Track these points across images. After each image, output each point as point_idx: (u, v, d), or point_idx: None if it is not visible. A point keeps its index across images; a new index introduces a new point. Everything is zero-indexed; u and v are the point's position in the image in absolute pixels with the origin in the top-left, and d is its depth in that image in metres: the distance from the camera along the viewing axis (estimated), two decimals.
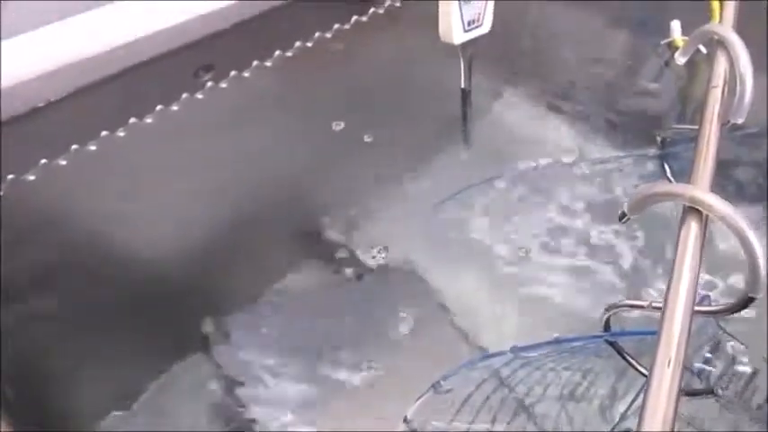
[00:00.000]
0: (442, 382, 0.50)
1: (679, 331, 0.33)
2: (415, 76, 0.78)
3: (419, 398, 0.49)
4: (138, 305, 0.59)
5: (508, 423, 0.48)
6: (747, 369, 0.52)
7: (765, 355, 0.53)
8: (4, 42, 0.62)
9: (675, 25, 0.76)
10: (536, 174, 0.67)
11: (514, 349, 0.50)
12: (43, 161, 0.65)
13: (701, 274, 0.40)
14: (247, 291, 0.60)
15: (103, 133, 0.68)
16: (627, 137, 0.71)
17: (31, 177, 0.64)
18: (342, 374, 0.54)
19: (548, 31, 0.86)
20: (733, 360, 0.53)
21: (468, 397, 0.48)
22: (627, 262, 0.60)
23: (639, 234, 0.60)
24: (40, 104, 0.67)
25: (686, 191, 0.37)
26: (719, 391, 0.50)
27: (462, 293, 0.60)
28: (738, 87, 0.50)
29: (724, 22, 0.57)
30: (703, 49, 0.72)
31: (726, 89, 0.50)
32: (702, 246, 0.38)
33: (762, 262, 0.37)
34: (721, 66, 0.50)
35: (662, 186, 0.39)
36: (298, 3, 0.82)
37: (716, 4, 0.66)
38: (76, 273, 0.60)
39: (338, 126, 0.72)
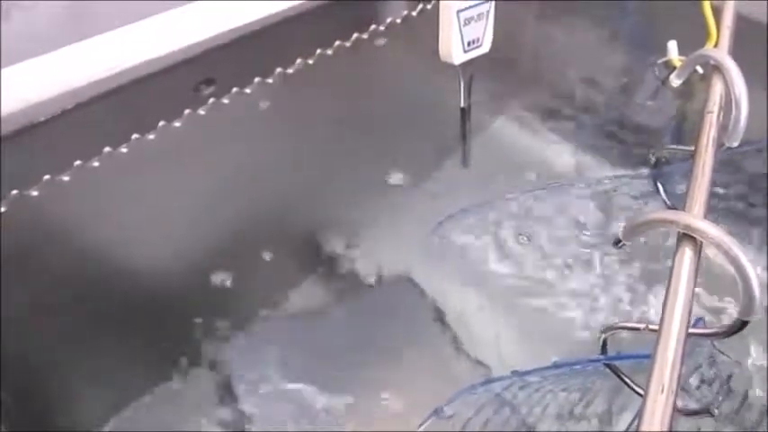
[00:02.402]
0: (444, 408, 0.51)
1: (672, 358, 0.34)
2: (415, 93, 0.79)
3: (421, 424, 0.50)
4: (138, 320, 0.60)
5: None
6: (742, 387, 0.53)
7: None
8: (4, 70, 0.63)
9: (672, 45, 0.77)
10: (534, 193, 0.68)
11: (516, 373, 0.51)
12: (46, 177, 0.65)
13: None
14: (247, 307, 0.61)
15: (106, 149, 0.69)
16: (623, 156, 0.72)
17: (35, 193, 0.65)
18: (340, 392, 0.55)
19: (547, 51, 0.87)
20: (728, 379, 0.54)
21: (468, 421, 0.49)
22: (623, 280, 0.61)
23: (636, 254, 0.61)
24: (42, 119, 0.68)
25: (681, 218, 0.38)
26: (715, 411, 0.51)
27: (462, 310, 0.60)
28: (734, 112, 0.51)
29: (720, 47, 0.57)
30: (699, 69, 0.73)
31: (721, 114, 0.50)
32: (697, 271, 0.39)
33: (755, 287, 0.38)
34: (717, 91, 0.50)
35: (657, 213, 0.40)
36: (297, 19, 0.82)
37: (713, 27, 0.67)
38: (78, 286, 0.61)
39: (338, 143, 0.73)
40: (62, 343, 0.57)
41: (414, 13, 0.87)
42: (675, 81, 0.60)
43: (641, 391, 0.48)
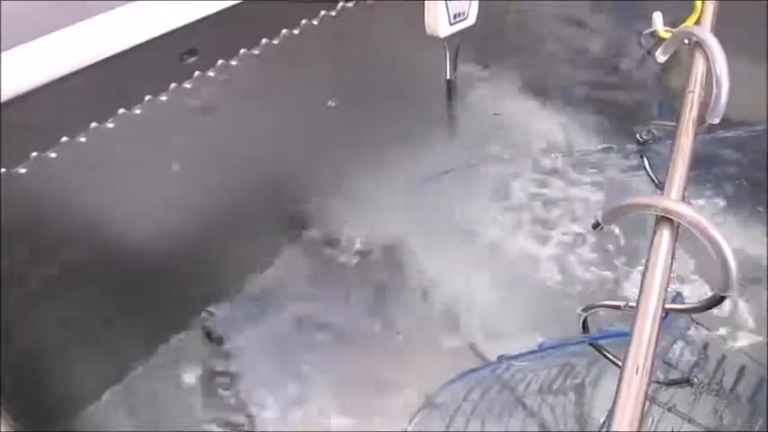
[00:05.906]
0: (436, 399, 0.52)
1: (647, 339, 0.35)
2: (401, 64, 0.78)
3: (416, 413, 0.51)
4: (129, 293, 0.60)
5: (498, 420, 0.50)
6: (717, 355, 0.55)
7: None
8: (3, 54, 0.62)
9: (657, 17, 0.77)
10: (517, 163, 0.69)
11: (502, 358, 0.52)
12: (34, 154, 0.65)
13: None
14: (237, 277, 0.62)
15: (93, 125, 0.68)
16: (609, 128, 0.72)
17: (23, 170, 0.65)
18: (328, 359, 0.56)
19: (533, 23, 0.86)
20: (705, 347, 0.55)
21: (459, 406, 0.51)
22: (605, 253, 0.62)
23: (618, 230, 0.62)
24: (26, 95, 0.67)
25: (659, 202, 0.39)
26: (694, 380, 0.53)
27: (447, 273, 0.61)
28: (715, 89, 0.51)
29: (702, 23, 0.58)
30: (686, 41, 0.73)
31: (703, 92, 0.51)
32: (673, 253, 0.40)
33: (732, 264, 0.39)
34: (698, 69, 0.51)
35: (635, 198, 0.41)
36: None
37: (698, 2, 0.67)
38: (68, 261, 0.62)
39: (324, 113, 0.73)
40: (56, 316, 0.58)
41: None
42: (661, 57, 0.60)
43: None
